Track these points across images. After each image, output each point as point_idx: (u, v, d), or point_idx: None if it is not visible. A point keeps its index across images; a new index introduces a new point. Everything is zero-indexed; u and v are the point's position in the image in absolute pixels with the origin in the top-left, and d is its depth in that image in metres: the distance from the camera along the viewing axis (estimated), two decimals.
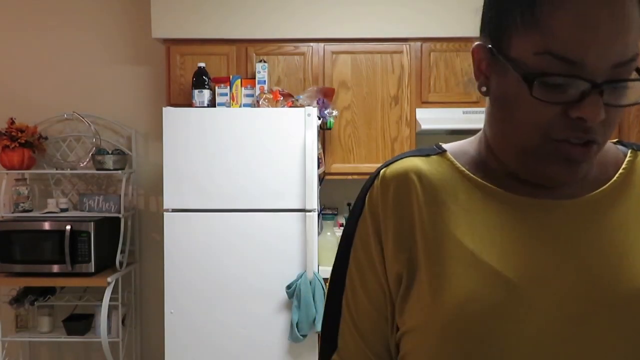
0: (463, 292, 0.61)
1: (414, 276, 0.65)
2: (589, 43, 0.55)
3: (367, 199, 0.70)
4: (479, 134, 0.73)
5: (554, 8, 0.56)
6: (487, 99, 0.67)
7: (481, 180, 0.67)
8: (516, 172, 0.65)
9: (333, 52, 3.11)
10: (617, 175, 0.66)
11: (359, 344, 0.71)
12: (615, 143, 0.72)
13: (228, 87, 2.92)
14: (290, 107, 2.83)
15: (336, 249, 0.76)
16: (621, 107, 0.59)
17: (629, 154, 0.69)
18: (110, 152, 3.20)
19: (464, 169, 0.69)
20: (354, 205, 0.73)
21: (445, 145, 0.74)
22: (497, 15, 0.62)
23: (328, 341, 0.74)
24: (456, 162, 0.70)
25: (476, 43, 0.66)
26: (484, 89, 0.66)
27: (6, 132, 3.08)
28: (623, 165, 0.67)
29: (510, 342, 0.58)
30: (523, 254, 0.62)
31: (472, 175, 0.68)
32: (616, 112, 0.59)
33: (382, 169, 0.71)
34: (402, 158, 0.72)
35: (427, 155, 0.71)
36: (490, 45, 0.63)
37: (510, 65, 0.59)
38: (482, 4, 0.67)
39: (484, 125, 0.70)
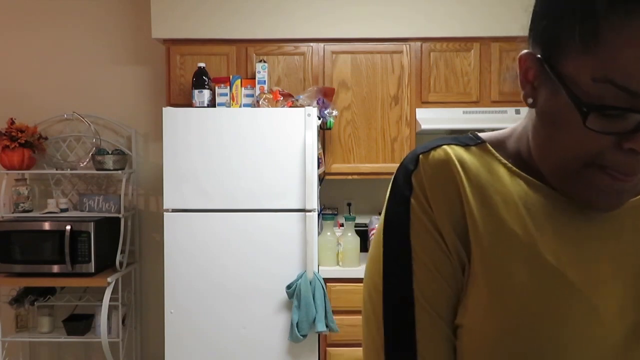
0: (523, 290, 0.59)
1: (469, 269, 0.62)
2: None
3: (413, 182, 0.64)
4: (516, 130, 0.70)
5: (619, 35, 0.51)
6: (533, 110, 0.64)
7: (526, 175, 0.65)
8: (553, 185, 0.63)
9: (333, 52, 3.11)
10: None
11: (444, 332, 0.63)
12: None
13: (228, 87, 2.92)
14: (290, 107, 2.83)
15: (336, 248, 0.74)
16: None
17: None
18: (110, 152, 3.20)
19: (507, 162, 0.66)
20: (395, 190, 0.66)
21: (482, 135, 0.70)
22: (553, 26, 0.57)
23: (403, 348, 0.63)
24: (499, 156, 0.67)
25: (526, 51, 0.61)
26: (530, 100, 0.61)
27: (6, 132, 3.08)
28: None
29: (571, 344, 0.57)
30: (578, 253, 0.60)
31: (515, 168, 0.65)
32: None
33: (420, 153, 0.66)
34: (441, 145, 0.66)
35: (467, 146, 0.67)
36: (539, 56, 0.59)
37: (564, 87, 0.55)
38: (534, 4, 0.61)
39: (527, 128, 0.67)
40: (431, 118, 3.06)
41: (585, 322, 0.58)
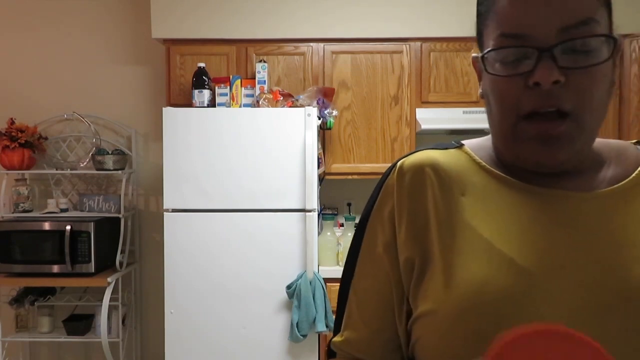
0: (477, 277, 0.62)
1: (428, 265, 0.67)
2: (529, 15, 0.60)
3: (383, 187, 0.74)
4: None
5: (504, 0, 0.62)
6: None
7: (498, 172, 0.69)
8: (513, 162, 0.68)
9: (333, 52, 3.11)
10: (635, 172, 0.67)
11: (362, 327, 0.74)
12: (635, 143, 0.73)
13: (228, 87, 2.92)
14: (290, 107, 2.83)
15: (336, 248, 0.78)
16: (585, 69, 0.60)
17: None
18: (110, 152, 3.20)
19: (481, 161, 0.71)
20: (371, 195, 0.76)
21: (464, 141, 0.76)
22: (477, 25, 0.69)
23: (337, 328, 0.77)
24: (474, 155, 0.72)
25: (472, 55, 0.72)
26: (480, 92, 0.70)
27: (6, 132, 3.08)
28: None
29: None
30: (539, 243, 0.63)
31: (488, 166, 0.70)
32: (582, 77, 0.60)
33: (400, 160, 0.74)
34: (420, 150, 0.74)
35: (446, 149, 0.74)
36: (477, 54, 0.69)
37: (479, 57, 0.66)
38: None
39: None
40: (431, 118, 3.06)
41: (538, 304, 0.59)
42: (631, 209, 0.64)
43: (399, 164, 0.73)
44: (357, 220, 3.08)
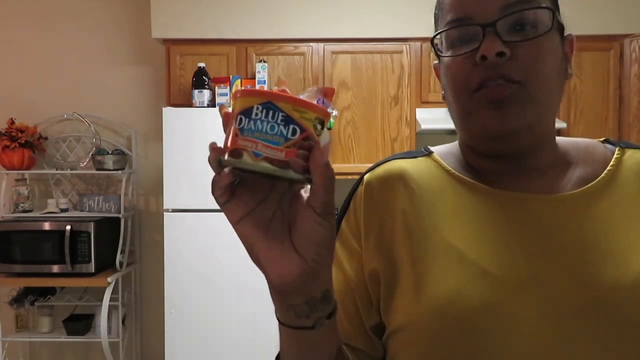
0: (447, 289, 0.61)
1: (397, 278, 0.65)
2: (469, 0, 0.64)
3: (351, 203, 0.73)
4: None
5: None
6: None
7: (468, 179, 0.69)
8: (474, 148, 0.69)
9: (333, 52, 3.11)
10: (604, 172, 0.67)
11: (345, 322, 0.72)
12: (602, 142, 0.72)
13: (228, 87, 2.92)
14: None
15: None
16: (526, 42, 0.62)
17: (616, 152, 0.69)
18: (110, 152, 3.20)
19: (450, 168, 0.71)
20: (341, 207, 0.75)
21: (432, 148, 0.76)
22: (434, 29, 0.71)
23: None
24: (443, 162, 0.72)
25: (433, 62, 0.75)
26: (442, 93, 0.72)
27: (6, 132, 3.08)
28: (611, 163, 0.68)
29: (501, 340, 0.58)
30: (511, 250, 0.62)
31: (458, 174, 0.70)
32: (527, 49, 0.62)
33: (366, 173, 0.74)
34: (387, 161, 0.74)
35: (414, 157, 0.74)
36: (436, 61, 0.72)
37: (432, 46, 0.69)
38: None
39: None
40: (431, 118, 3.06)
41: (512, 314, 0.59)
42: (599, 210, 0.64)
43: (365, 177, 0.73)
44: None
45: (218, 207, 0.52)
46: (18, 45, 3.43)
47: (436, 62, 0.72)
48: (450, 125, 3.11)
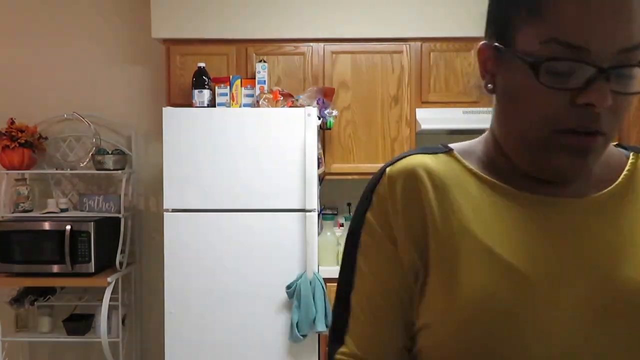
0: (479, 288, 0.61)
1: (427, 272, 0.65)
2: (593, 28, 0.56)
3: (374, 196, 0.70)
4: (484, 135, 0.73)
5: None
6: (494, 98, 0.68)
7: (490, 178, 0.68)
8: (526, 170, 0.66)
9: (333, 52, 3.11)
10: (621, 176, 0.67)
11: (372, 335, 0.69)
12: (616, 146, 0.73)
13: (228, 87, 2.92)
14: (290, 107, 2.83)
15: (336, 248, 0.77)
16: (628, 95, 0.59)
17: (631, 157, 0.70)
18: (110, 152, 3.20)
19: (472, 167, 0.69)
20: (358, 205, 0.72)
21: (451, 145, 0.74)
22: (502, 10, 0.63)
23: (338, 341, 0.72)
24: (464, 161, 0.70)
25: (482, 42, 0.67)
26: (490, 86, 0.66)
27: (6, 132, 3.08)
28: (627, 167, 0.68)
29: (534, 339, 0.58)
30: (537, 251, 0.62)
31: (481, 173, 0.68)
32: (623, 101, 0.59)
33: (387, 167, 0.71)
34: (407, 155, 0.71)
35: (434, 154, 0.71)
36: (496, 43, 0.64)
37: (517, 57, 0.60)
38: (487, 5, 0.67)
39: (491, 125, 0.71)
40: (431, 118, 3.06)
41: (542, 314, 0.59)
42: (622, 212, 0.64)
43: (387, 170, 0.70)
44: None
45: (218, 207, 0.52)
46: (18, 45, 3.43)
47: (485, 42, 0.66)
48: (450, 125, 3.12)
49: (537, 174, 0.65)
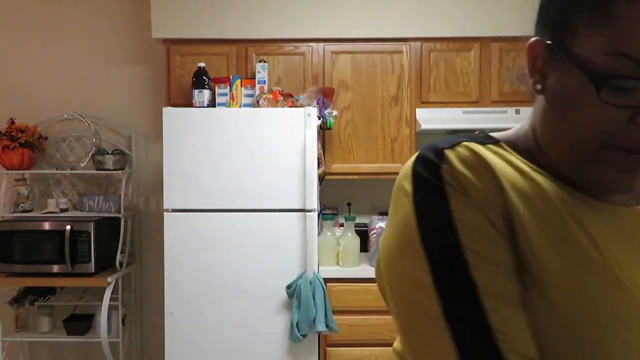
0: (580, 298, 0.58)
1: (523, 268, 0.60)
2: None
3: (446, 176, 0.60)
4: (523, 129, 0.69)
5: (631, 6, 0.52)
6: (539, 96, 0.64)
7: (547, 174, 0.63)
8: (567, 175, 0.62)
9: (333, 52, 3.11)
10: None
11: (520, 330, 0.58)
12: None
13: (228, 87, 2.92)
14: (290, 107, 2.83)
15: (336, 248, 0.73)
16: None
17: None
18: (110, 152, 3.20)
19: (525, 160, 0.64)
20: (420, 185, 0.62)
21: (494, 135, 0.68)
22: (563, 9, 0.58)
23: (476, 336, 0.56)
24: (514, 153, 0.65)
25: (534, 38, 0.61)
26: (538, 87, 0.62)
27: (6, 132, 3.08)
28: None
29: (624, 349, 0.57)
30: (608, 253, 0.60)
31: (538, 169, 0.64)
32: None
33: (444, 148, 0.62)
34: (460, 142, 0.63)
35: (483, 144, 0.64)
36: (550, 42, 0.59)
37: (575, 63, 0.55)
38: None
39: (531, 123, 0.67)
40: (431, 118, 3.06)
41: (633, 319, 0.57)
42: None
43: (448, 154, 0.61)
44: (357, 220, 3.09)
45: (218, 207, 0.52)
46: (18, 45, 3.43)
47: (537, 38, 0.61)
48: (450, 125, 3.12)
49: (579, 182, 0.62)
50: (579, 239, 0.59)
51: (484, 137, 0.66)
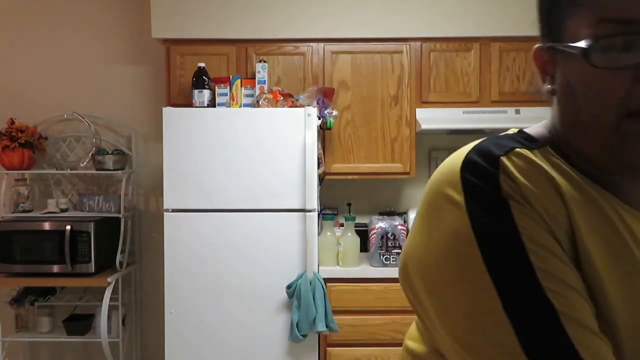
0: (636, 319, 0.57)
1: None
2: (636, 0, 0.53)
3: (506, 188, 0.56)
4: (547, 128, 0.66)
5: None
6: (554, 100, 0.63)
7: (588, 182, 0.61)
8: (602, 166, 0.60)
9: (333, 52, 3.11)
10: None
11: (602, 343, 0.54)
12: None
13: (228, 87, 2.92)
14: (290, 107, 2.83)
15: (336, 248, 0.72)
16: None
17: None
18: (110, 152, 3.20)
19: (570, 166, 0.61)
20: (476, 195, 0.57)
21: (536, 136, 0.65)
22: (547, 8, 0.61)
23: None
24: (561, 159, 0.62)
25: (535, 47, 0.63)
26: (548, 87, 0.62)
27: (6, 132, 3.08)
28: None
29: None
30: None
31: (579, 176, 0.61)
32: None
33: (499, 155, 0.58)
34: (512, 147, 0.60)
35: (529, 148, 0.61)
36: (549, 44, 0.61)
37: (567, 46, 0.57)
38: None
39: (551, 129, 0.65)
40: (431, 118, 3.06)
41: None
42: None
43: (504, 162, 0.58)
44: (357, 220, 3.10)
45: (218, 207, 0.51)
46: (18, 45, 3.43)
47: (539, 45, 0.62)
48: (450, 125, 3.12)
49: (613, 166, 0.59)
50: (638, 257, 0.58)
51: (527, 140, 0.62)
